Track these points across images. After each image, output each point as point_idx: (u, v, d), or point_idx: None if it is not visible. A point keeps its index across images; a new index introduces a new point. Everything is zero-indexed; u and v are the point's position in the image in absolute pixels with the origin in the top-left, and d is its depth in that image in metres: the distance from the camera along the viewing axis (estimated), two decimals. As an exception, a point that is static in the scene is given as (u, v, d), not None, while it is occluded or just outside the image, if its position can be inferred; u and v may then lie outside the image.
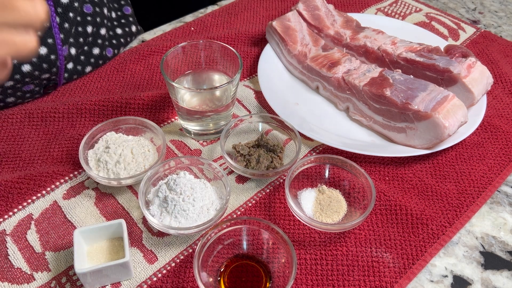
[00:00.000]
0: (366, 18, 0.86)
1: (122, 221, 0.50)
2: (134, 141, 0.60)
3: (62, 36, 0.63)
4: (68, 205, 0.56)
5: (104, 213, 0.56)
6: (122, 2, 0.82)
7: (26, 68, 0.61)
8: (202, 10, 0.93)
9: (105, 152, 0.57)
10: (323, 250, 0.53)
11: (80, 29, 0.68)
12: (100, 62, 0.75)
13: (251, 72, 0.77)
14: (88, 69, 0.73)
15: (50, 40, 0.62)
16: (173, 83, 0.58)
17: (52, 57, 0.63)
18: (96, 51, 0.73)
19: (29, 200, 0.56)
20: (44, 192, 0.57)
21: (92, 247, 0.51)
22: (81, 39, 0.69)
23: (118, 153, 0.57)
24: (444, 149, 0.64)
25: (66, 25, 0.64)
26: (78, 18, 0.67)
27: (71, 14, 0.64)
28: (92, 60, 0.73)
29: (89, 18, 0.70)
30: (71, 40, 0.66)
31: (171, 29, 0.87)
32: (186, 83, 0.66)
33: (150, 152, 0.60)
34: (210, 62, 0.66)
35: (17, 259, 0.51)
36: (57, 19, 0.62)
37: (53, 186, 0.58)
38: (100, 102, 0.68)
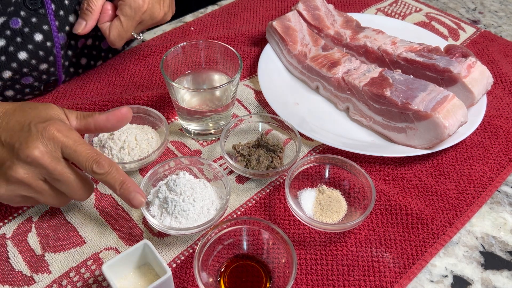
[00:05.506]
0: (366, 18, 0.86)
1: (147, 242, 0.47)
2: (138, 129, 0.62)
3: (57, 23, 0.63)
4: (67, 207, 0.56)
5: (104, 215, 0.56)
6: None
7: (22, 55, 0.61)
8: (202, 10, 0.93)
9: (109, 139, 0.59)
10: (323, 250, 0.53)
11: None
12: (94, 53, 0.75)
13: (251, 72, 0.77)
14: (83, 60, 0.73)
15: (45, 27, 0.62)
16: (173, 83, 0.58)
17: (48, 44, 0.63)
18: (89, 41, 0.73)
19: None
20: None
21: (122, 283, 0.47)
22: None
23: (122, 139, 0.59)
24: (444, 149, 0.64)
25: (62, 12, 0.64)
26: (76, 7, 0.67)
27: (66, 2, 0.64)
28: (86, 50, 0.73)
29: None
30: (67, 28, 0.66)
31: (171, 29, 0.87)
32: (186, 83, 0.66)
33: (154, 139, 0.62)
34: (210, 62, 0.66)
35: (18, 262, 0.51)
36: (53, 6, 0.63)
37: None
38: (100, 102, 0.68)
